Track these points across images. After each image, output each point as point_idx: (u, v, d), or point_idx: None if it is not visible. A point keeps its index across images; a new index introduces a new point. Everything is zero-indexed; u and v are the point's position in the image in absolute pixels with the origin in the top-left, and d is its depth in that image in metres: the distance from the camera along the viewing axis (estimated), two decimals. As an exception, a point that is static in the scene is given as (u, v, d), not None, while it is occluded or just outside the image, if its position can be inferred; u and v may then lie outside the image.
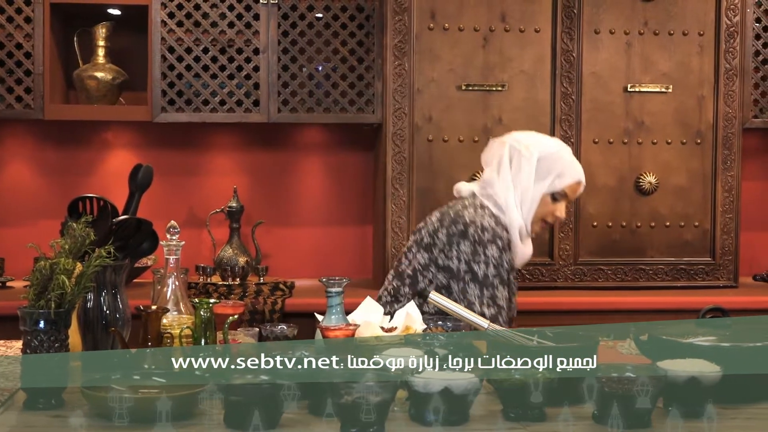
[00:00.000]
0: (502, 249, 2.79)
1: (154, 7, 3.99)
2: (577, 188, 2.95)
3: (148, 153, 4.29)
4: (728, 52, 4.10)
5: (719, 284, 4.16)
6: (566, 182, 2.90)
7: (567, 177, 2.90)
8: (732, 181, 4.14)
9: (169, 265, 2.42)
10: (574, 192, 2.95)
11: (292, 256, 4.42)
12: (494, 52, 4.04)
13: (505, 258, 2.80)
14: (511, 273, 2.87)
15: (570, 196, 2.94)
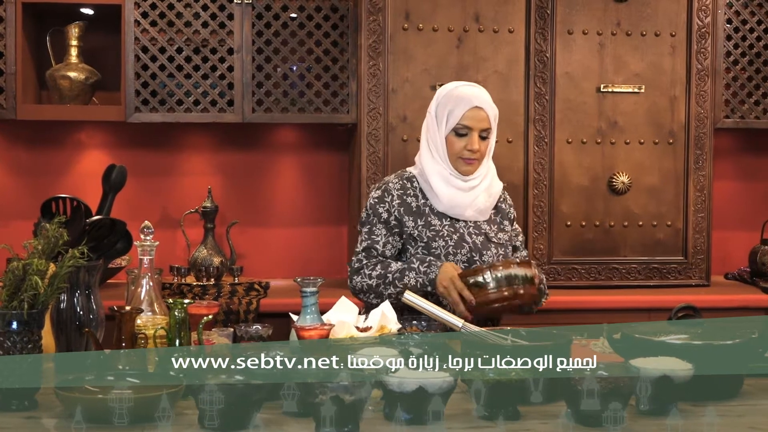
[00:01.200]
0: (383, 194, 2.90)
1: (128, 6, 3.97)
2: (475, 114, 2.85)
3: (121, 153, 4.27)
4: (700, 53, 4.14)
5: (691, 283, 4.19)
6: (458, 114, 2.86)
7: (458, 109, 2.87)
8: (704, 180, 4.18)
9: (143, 266, 2.41)
10: (475, 119, 2.85)
11: (266, 256, 4.42)
12: (468, 53, 4.06)
13: (383, 201, 2.89)
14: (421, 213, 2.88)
15: (473, 125, 2.85)
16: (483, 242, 2.88)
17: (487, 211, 2.94)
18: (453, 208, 2.89)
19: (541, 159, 4.07)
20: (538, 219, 4.08)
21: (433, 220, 2.89)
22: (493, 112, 2.89)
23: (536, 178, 4.07)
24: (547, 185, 4.08)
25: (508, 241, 2.96)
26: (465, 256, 2.85)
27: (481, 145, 2.87)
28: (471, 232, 2.89)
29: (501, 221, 2.98)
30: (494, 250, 2.88)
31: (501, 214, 3.00)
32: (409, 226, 2.88)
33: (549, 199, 4.09)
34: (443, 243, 2.86)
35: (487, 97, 2.91)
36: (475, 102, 2.87)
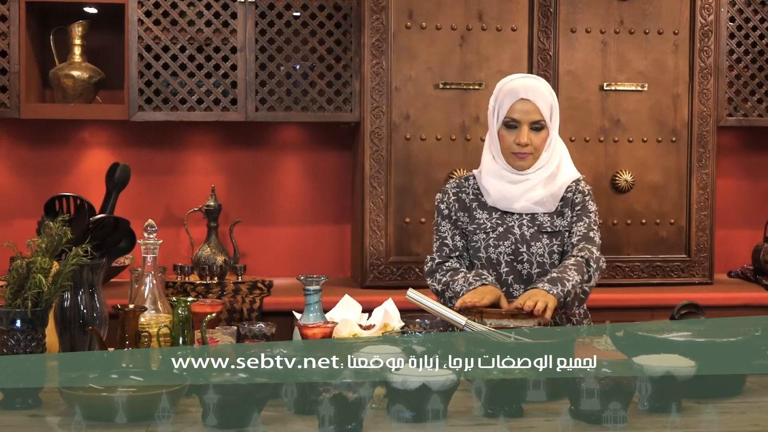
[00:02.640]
0: (442, 194, 2.96)
1: (131, 5, 3.97)
2: (523, 106, 2.81)
3: (125, 152, 4.27)
4: (703, 51, 4.13)
5: (695, 281, 4.19)
6: (506, 107, 2.84)
7: (506, 102, 2.85)
8: (707, 178, 4.18)
9: (147, 264, 2.41)
10: (523, 112, 2.82)
11: (270, 254, 4.42)
12: (471, 51, 4.06)
13: (443, 200, 2.94)
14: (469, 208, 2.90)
15: (521, 117, 2.82)
16: (533, 233, 2.83)
17: (546, 202, 2.86)
18: (501, 200, 2.87)
19: (544, 157, 4.06)
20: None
21: (479, 214, 2.89)
22: (545, 103, 2.82)
23: (539, 177, 4.07)
24: (550, 183, 4.07)
25: (567, 227, 2.86)
26: (509, 248, 2.82)
27: (532, 137, 2.82)
28: (523, 224, 2.86)
29: (565, 211, 2.88)
30: (546, 240, 2.82)
31: (566, 204, 2.89)
32: (463, 221, 2.90)
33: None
34: (483, 236, 2.85)
35: (540, 87, 2.85)
36: (522, 94, 2.83)
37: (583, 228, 2.85)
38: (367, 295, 3.28)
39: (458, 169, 4.05)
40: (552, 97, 2.87)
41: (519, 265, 2.81)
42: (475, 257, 2.85)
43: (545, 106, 2.83)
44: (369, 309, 2.57)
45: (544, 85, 2.88)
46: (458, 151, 4.07)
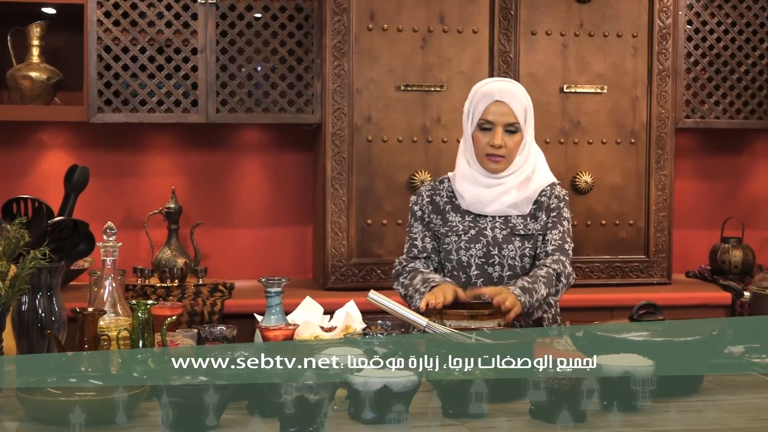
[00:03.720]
0: (417, 197, 2.99)
1: (90, 6, 3.94)
2: (497, 108, 2.83)
3: (84, 154, 4.23)
4: (661, 54, 4.18)
5: (653, 281, 4.24)
6: (480, 110, 2.86)
7: (480, 105, 2.87)
8: (665, 180, 4.22)
9: (106, 267, 2.40)
10: (497, 114, 2.84)
11: (231, 257, 4.40)
12: (433, 53, 4.07)
13: (417, 203, 2.97)
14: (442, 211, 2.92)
15: (495, 119, 2.84)
16: (506, 236, 2.85)
17: (520, 206, 2.88)
18: (475, 203, 2.89)
19: (505, 159, 4.09)
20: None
21: (452, 217, 2.90)
22: (519, 106, 2.84)
23: (500, 178, 4.09)
24: (511, 185, 4.10)
25: (540, 231, 2.87)
26: (481, 250, 2.84)
27: (506, 140, 2.84)
28: (496, 226, 2.87)
29: (538, 214, 2.90)
30: (518, 243, 2.84)
31: (540, 207, 2.90)
32: (436, 223, 2.91)
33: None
34: (456, 239, 2.86)
35: (514, 90, 2.86)
36: (497, 96, 2.84)
37: (558, 237, 2.88)
38: (328, 297, 3.27)
39: (420, 171, 4.06)
40: (527, 101, 2.89)
41: (490, 268, 2.83)
42: (446, 260, 2.86)
43: (520, 110, 2.85)
44: (331, 311, 2.56)
45: (520, 89, 2.90)
46: (420, 152, 4.08)
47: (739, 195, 4.75)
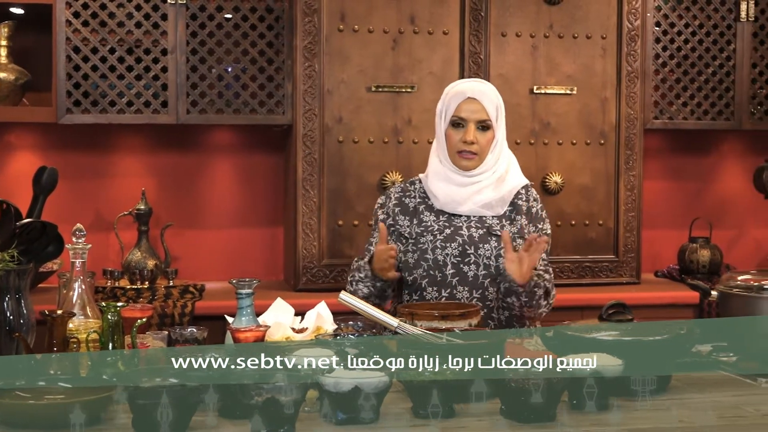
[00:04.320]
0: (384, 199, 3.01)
1: (59, 6, 3.91)
2: (469, 105, 2.87)
3: (53, 155, 4.20)
4: (630, 55, 4.22)
5: (623, 281, 4.27)
6: (453, 107, 2.89)
7: (452, 103, 2.90)
8: (634, 180, 4.26)
9: (76, 269, 2.38)
10: (469, 111, 2.87)
11: (202, 258, 4.39)
12: (404, 54, 4.08)
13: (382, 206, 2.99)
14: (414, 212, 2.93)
15: (468, 116, 2.86)
16: (482, 235, 2.86)
17: (495, 206, 2.90)
18: (449, 203, 2.90)
19: (475, 160, 4.10)
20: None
21: (426, 216, 2.91)
22: (491, 104, 2.87)
23: (471, 179, 4.10)
24: (482, 186, 4.11)
25: (518, 234, 2.88)
26: (456, 249, 2.85)
27: (478, 136, 2.86)
28: (471, 225, 2.88)
29: (515, 216, 2.91)
30: (494, 243, 2.85)
31: (517, 210, 2.92)
32: (402, 225, 2.92)
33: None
34: (431, 238, 2.87)
35: (486, 89, 2.90)
36: (469, 93, 2.88)
37: (545, 255, 2.91)
38: (299, 298, 3.27)
39: (391, 172, 4.07)
40: (499, 100, 2.92)
41: (465, 266, 2.84)
42: (422, 259, 2.87)
43: (492, 107, 2.88)
44: (302, 312, 2.56)
45: (492, 89, 2.94)
46: (391, 153, 4.09)
47: (706, 195, 4.80)
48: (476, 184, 2.90)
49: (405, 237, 2.91)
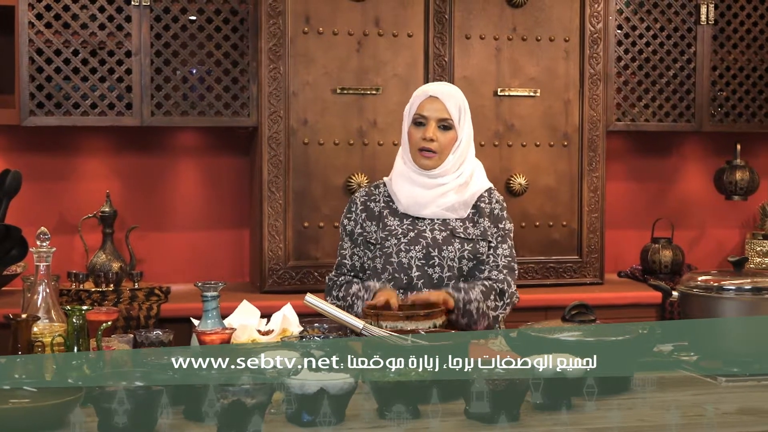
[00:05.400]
0: (350, 205, 3.02)
1: (21, 7, 3.88)
2: (430, 104, 2.90)
3: (16, 158, 4.17)
4: (592, 58, 4.26)
5: (586, 281, 4.31)
6: (416, 106, 2.93)
7: (416, 102, 2.94)
8: (597, 181, 4.30)
9: (40, 272, 2.37)
10: (430, 109, 2.89)
11: (167, 260, 4.37)
12: (368, 56, 4.09)
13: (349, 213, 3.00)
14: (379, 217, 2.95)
15: (429, 114, 2.89)
16: (445, 237, 2.88)
17: (458, 209, 2.92)
18: (412, 206, 2.92)
19: (440, 161, 4.13)
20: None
21: (390, 221, 2.92)
22: (454, 105, 2.90)
23: (436, 181, 4.13)
24: (447, 187, 4.14)
25: (481, 236, 2.90)
26: (420, 252, 2.87)
27: (439, 135, 2.88)
28: (435, 228, 2.90)
29: (478, 219, 2.93)
30: (458, 245, 2.87)
31: (480, 213, 2.94)
32: (369, 231, 2.93)
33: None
34: (395, 241, 2.88)
35: (451, 91, 2.94)
36: (431, 92, 2.91)
37: (507, 254, 2.95)
38: (266, 300, 3.28)
39: (356, 174, 4.08)
40: (463, 103, 2.94)
41: (430, 269, 2.86)
42: (387, 263, 2.88)
43: (454, 107, 2.91)
44: (268, 314, 2.57)
45: (457, 91, 2.97)
46: (356, 155, 4.10)
47: (668, 196, 4.86)
48: (440, 187, 2.92)
49: (371, 243, 2.93)
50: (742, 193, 4.60)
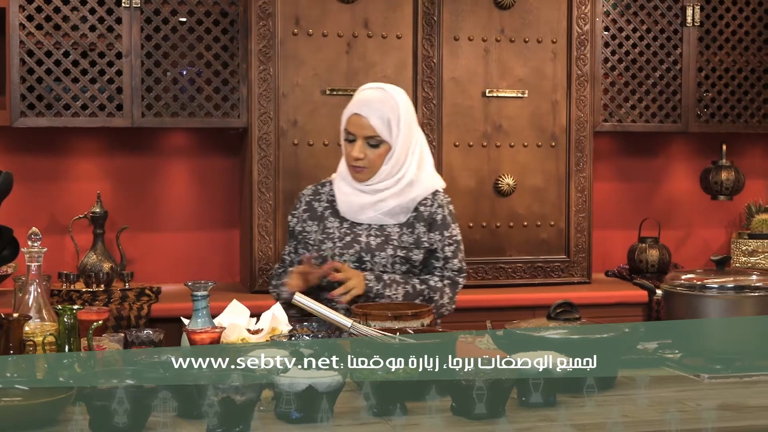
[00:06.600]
0: (297, 203, 3.08)
1: (12, 9, 3.90)
2: (356, 121, 2.90)
3: (7, 159, 4.18)
4: (579, 59, 4.29)
5: (574, 280, 4.34)
6: (344, 121, 2.95)
7: (345, 115, 2.96)
8: (584, 182, 4.34)
9: (31, 273, 2.39)
10: (356, 126, 2.90)
11: (158, 261, 4.39)
12: (358, 58, 4.12)
13: (294, 212, 3.06)
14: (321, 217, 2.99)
15: (355, 131, 2.90)
16: (379, 243, 2.91)
17: (397, 214, 2.94)
18: (349, 211, 2.95)
19: (429, 162, 4.15)
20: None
21: (330, 223, 2.96)
22: (379, 119, 2.88)
23: (425, 181, 4.15)
24: (436, 187, 4.17)
25: (414, 244, 2.93)
26: (354, 256, 2.91)
27: (368, 152, 2.90)
28: (371, 233, 2.93)
29: (415, 224, 2.95)
30: (390, 251, 2.91)
31: (419, 218, 2.96)
32: (310, 232, 2.96)
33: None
34: (331, 245, 2.93)
35: (377, 103, 2.89)
36: (355, 109, 2.90)
37: (456, 268, 2.99)
38: (255, 300, 3.30)
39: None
40: (393, 111, 2.89)
41: None
42: (323, 264, 2.92)
43: (380, 123, 2.88)
44: (257, 313, 2.59)
45: (387, 99, 2.91)
46: (345, 156, 4.12)
47: (655, 196, 4.90)
48: (378, 193, 2.94)
49: (311, 244, 2.97)
50: (728, 193, 4.64)
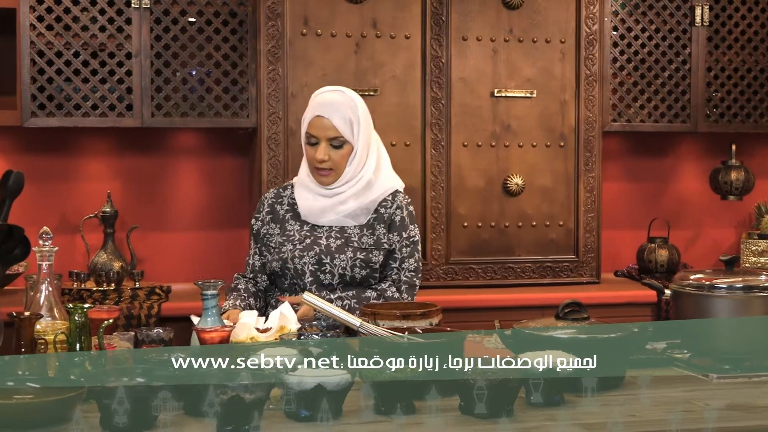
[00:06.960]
0: (259, 206, 3.10)
1: (23, 10, 3.92)
2: (318, 122, 2.92)
3: (18, 159, 4.21)
4: (588, 59, 4.29)
5: (583, 280, 4.34)
6: (306, 123, 2.96)
7: (306, 117, 2.97)
8: (593, 181, 4.34)
9: (42, 271, 2.41)
10: (319, 128, 2.92)
11: (168, 260, 4.41)
12: (366, 58, 4.13)
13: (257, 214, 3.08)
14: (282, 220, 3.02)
15: (318, 133, 2.92)
16: (339, 246, 2.93)
17: (358, 216, 2.97)
18: (310, 215, 2.97)
19: (438, 162, 4.17)
20: (435, 220, 4.17)
21: (291, 225, 2.97)
22: (342, 120, 2.91)
23: (433, 181, 4.17)
24: (444, 187, 4.18)
25: (374, 246, 2.96)
26: (314, 258, 2.92)
27: (331, 154, 2.92)
28: (331, 236, 2.95)
29: (376, 226, 2.99)
30: (350, 254, 2.92)
31: (379, 219, 3.00)
32: (272, 234, 2.98)
33: (446, 201, 4.19)
34: (291, 247, 2.94)
35: (339, 104, 2.93)
36: (317, 111, 2.93)
37: (412, 268, 3.00)
38: (265, 299, 3.31)
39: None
40: (353, 111, 2.94)
41: (322, 275, 2.92)
42: (285, 268, 2.93)
43: (343, 123, 2.91)
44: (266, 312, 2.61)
45: (347, 101, 2.96)
46: (354, 156, 4.13)
47: (664, 196, 4.89)
48: (339, 195, 2.97)
49: (271, 247, 2.98)
50: (738, 193, 4.63)
